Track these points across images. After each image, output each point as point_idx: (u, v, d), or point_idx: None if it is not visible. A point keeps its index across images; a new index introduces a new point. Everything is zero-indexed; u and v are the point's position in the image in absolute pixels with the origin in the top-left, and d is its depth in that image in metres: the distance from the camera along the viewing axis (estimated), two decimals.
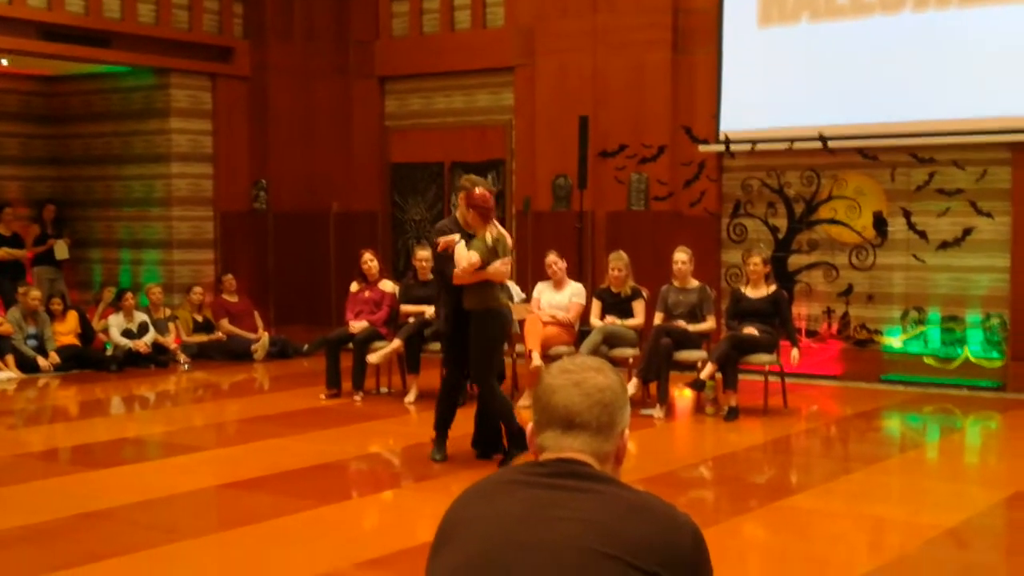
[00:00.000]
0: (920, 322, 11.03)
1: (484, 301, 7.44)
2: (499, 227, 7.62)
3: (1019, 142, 10.42)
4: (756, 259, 9.73)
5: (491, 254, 7.39)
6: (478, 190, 7.42)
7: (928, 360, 10.92)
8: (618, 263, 10.03)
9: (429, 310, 10.20)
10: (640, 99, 12.18)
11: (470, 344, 7.49)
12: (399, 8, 14.14)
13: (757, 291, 9.70)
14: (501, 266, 7.48)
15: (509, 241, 7.73)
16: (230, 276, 13.36)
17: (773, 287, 9.77)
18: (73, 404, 10.62)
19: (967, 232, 10.78)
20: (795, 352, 9.45)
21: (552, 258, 10.22)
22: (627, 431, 2.33)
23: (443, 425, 7.74)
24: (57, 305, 12.31)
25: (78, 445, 8.56)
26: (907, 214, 11.06)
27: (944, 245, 10.89)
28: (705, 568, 2.19)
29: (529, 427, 2.35)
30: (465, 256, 7.33)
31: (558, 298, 10.10)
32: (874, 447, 8.76)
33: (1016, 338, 10.51)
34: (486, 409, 7.66)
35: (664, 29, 12.04)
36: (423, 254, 10.42)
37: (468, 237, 7.51)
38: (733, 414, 9.20)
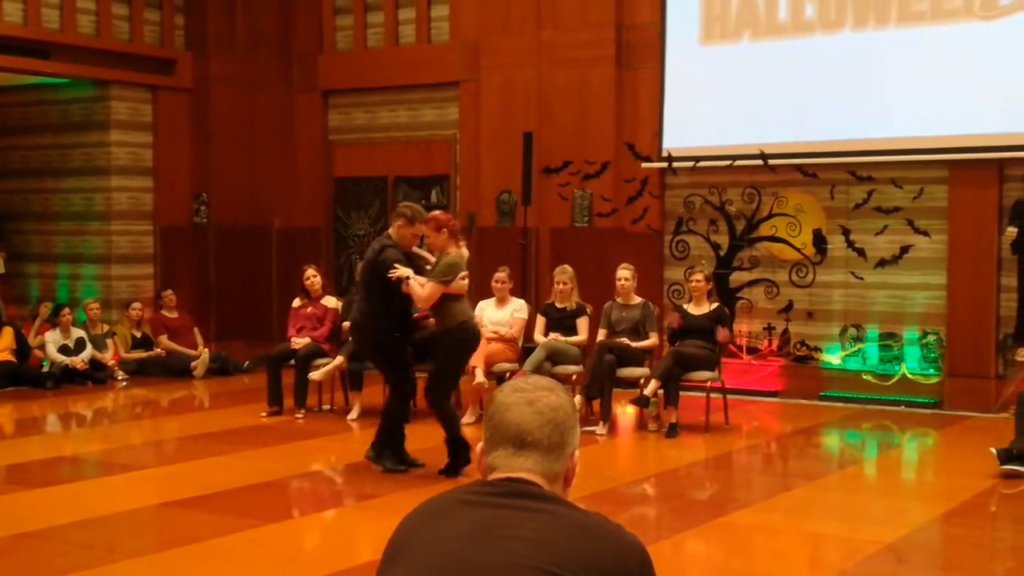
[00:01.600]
0: (858, 339, 11.16)
1: (455, 316, 7.64)
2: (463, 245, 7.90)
3: (956, 160, 10.60)
4: (698, 276, 9.81)
5: (452, 271, 7.57)
6: (444, 214, 7.90)
7: (866, 377, 11.05)
8: (563, 276, 10.07)
9: None
10: (584, 115, 12.24)
11: (437, 357, 7.74)
12: (343, 22, 14.09)
13: (700, 308, 9.77)
14: (461, 280, 7.65)
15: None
16: (170, 292, 13.22)
17: (715, 304, 9.85)
18: (8, 422, 10.43)
19: (904, 250, 10.94)
20: (725, 332, 9.65)
21: (501, 275, 10.20)
22: (577, 452, 2.33)
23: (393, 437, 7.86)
24: None
25: (13, 464, 8.40)
26: (846, 232, 11.20)
27: (882, 263, 11.04)
28: None
29: (479, 446, 2.34)
30: (421, 286, 7.51)
31: (500, 315, 10.10)
32: (814, 463, 8.85)
33: (952, 355, 10.67)
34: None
35: (608, 45, 12.12)
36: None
37: (408, 257, 7.71)
38: (674, 430, 9.24)
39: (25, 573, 5.53)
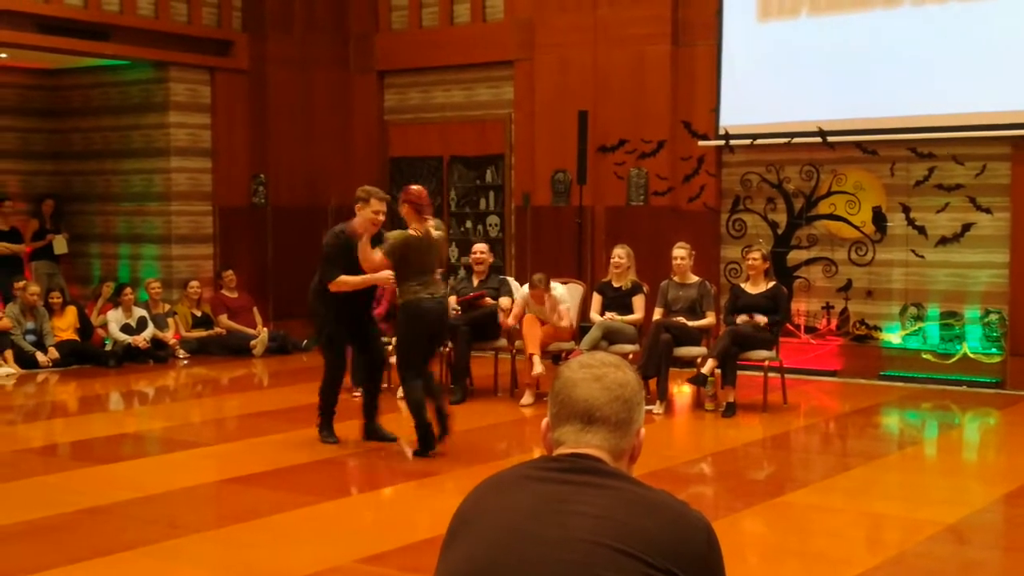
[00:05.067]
0: (919, 318, 11.03)
1: (408, 292, 7.72)
2: (432, 220, 7.90)
3: (1019, 136, 10.42)
4: (755, 255, 9.74)
5: (393, 249, 7.66)
6: (415, 187, 7.94)
7: (927, 356, 10.92)
8: (621, 251, 10.05)
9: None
10: (640, 93, 12.17)
11: (396, 332, 7.96)
12: (398, 1, 14.12)
13: (756, 287, 9.70)
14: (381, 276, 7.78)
15: (442, 232, 8.03)
16: (230, 272, 13.35)
17: (772, 283, 9.78)
18: (72, 400, 10.61)
19: (966, 228, 10.78)
20: (761, 318, 9.46)
21: (536, 292, 9.84)
22: (643, 430, 2.33)
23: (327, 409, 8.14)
24: (56, 299, 12.30)
25: (77, 441, 8.56)
26: (906, 209, 11.06)
27: (943, 241, 10.89)
28: (718, 567, 2.18)
29: (544, 422, 2.35)
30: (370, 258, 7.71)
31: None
32: (873, 443, 8.77)
33: (1015, 334, 10.51)
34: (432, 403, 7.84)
35: (664, 22, 12.03)
36: None
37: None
38: (731, 410, 9.20)
39: (89, 548, 5.63)
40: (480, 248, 10.51)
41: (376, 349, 8.33)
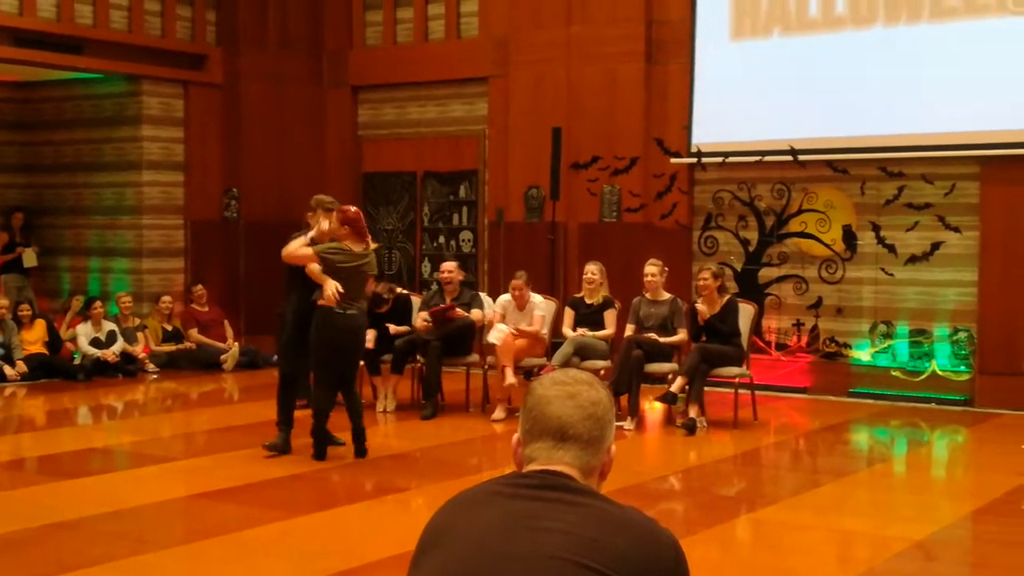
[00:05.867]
0: (888, 336, 11.10)
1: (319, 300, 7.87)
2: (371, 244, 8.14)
3: (988, 156, 10.53)
4: (705, 274, 9.69)
5: (342, 264, 7.79)
6: (353, 208, 8.05)
7: (896, 373, 10.99)
8: (594, 268, 10.07)
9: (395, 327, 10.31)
10: (613, 110, 12.23)
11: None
12: (373, 17, 14.13)
13: (712, 306, 9.67)
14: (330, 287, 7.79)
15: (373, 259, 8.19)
16: (200, 287, 13.29)
17: (726, 298, 9.75)
18: (40, 413, 10.53)
19: (935, 246, 10.87)
20: (701, 306, 9.54)
21: (518, 283, 10.08)
22: (613, 447, 2.34)
23: (285, 417, 8.27)
24: (25, 312, 12.22)
25: (45, 455, 8.49)
26: (876, 228, 11.14)
27: (913, 259, 10.97)
28: None
29: (515, 437, 2.35)
30: (300, 245, 7.92)
31: (521, 316, 10.09)
32: (843, 460, 8.82)
33: (983, 352, 10.60)
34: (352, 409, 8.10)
35: (637, 40, 12.10)
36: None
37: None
38: (691, 425, 9.13)
39: (56, 563, 5.58)
40: (448, 267, 10.42)
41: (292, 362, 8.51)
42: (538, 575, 2.08)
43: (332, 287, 7.74)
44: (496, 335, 9.83)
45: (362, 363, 10.24)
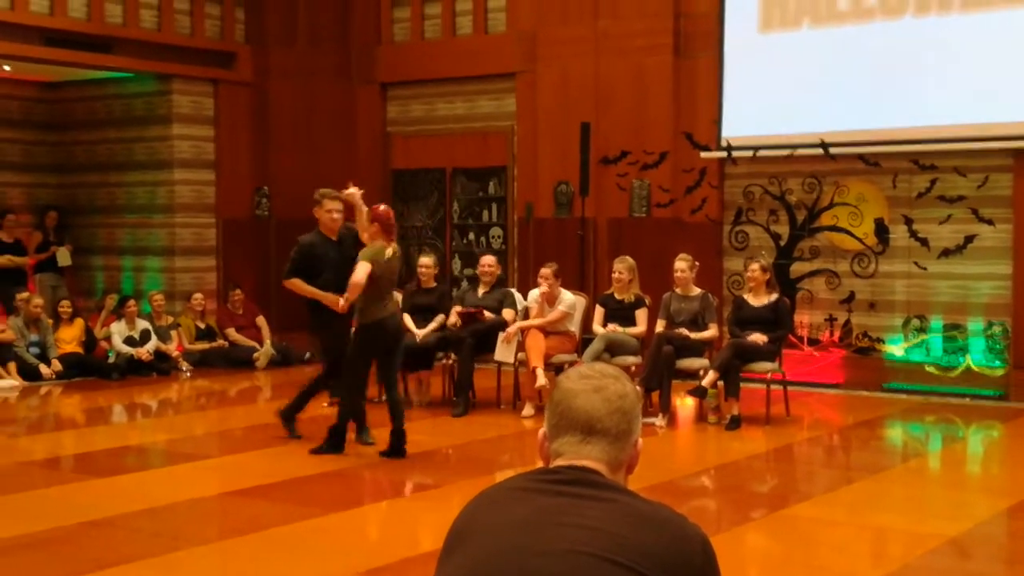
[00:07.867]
0: (922, 330, 11.02)
1: (370, 314, 7.91)
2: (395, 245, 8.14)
3: (1021, 148, 10.42)
4: (755, 267, 9.74)
5: (383, 267, 7.85)
6: (382, 206, 8.12)
7: (930, 368, 10.90)
8: (622, 267, 10.03)
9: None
10: (642, 105, 12.19)
11: (349, 349, 8.12)
12: (401, 14, 14.15)
13: (759, 299, 9.70)
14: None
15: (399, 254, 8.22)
16: (239, 291, 13.34)
17: (775, 295, 9.77)
18: (76, 412, 10.62)
19: (968, 239, 10.78)
20: (761, 337, 9.43)
21: (547, 271, 10.05)
22: (640, 441, 2.33)
23: (359, 417, 8.32)
24: (66, 308, 12.32)
25: (81, 453, 8.57)
26: (908, 221, 11.06)
27: (945, 252, 10.88)
28: None
29: (541, 432, 2.35)
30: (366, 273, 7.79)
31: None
32: (876, 456, 8.76)
33: (1018, 346, 10.50)
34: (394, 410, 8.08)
35: (665, 34, 12.06)
36: (426, 261, 10.56)
37: (338, 242, 8.43)
38: (735, 423, 9.19)
39: (92, 560, 5.63)
40: (488, 261, 10.63)
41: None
42: (565, 570, 2.08)
43: (334, 298, 8.01)
44: (503, 354, 9.88)
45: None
